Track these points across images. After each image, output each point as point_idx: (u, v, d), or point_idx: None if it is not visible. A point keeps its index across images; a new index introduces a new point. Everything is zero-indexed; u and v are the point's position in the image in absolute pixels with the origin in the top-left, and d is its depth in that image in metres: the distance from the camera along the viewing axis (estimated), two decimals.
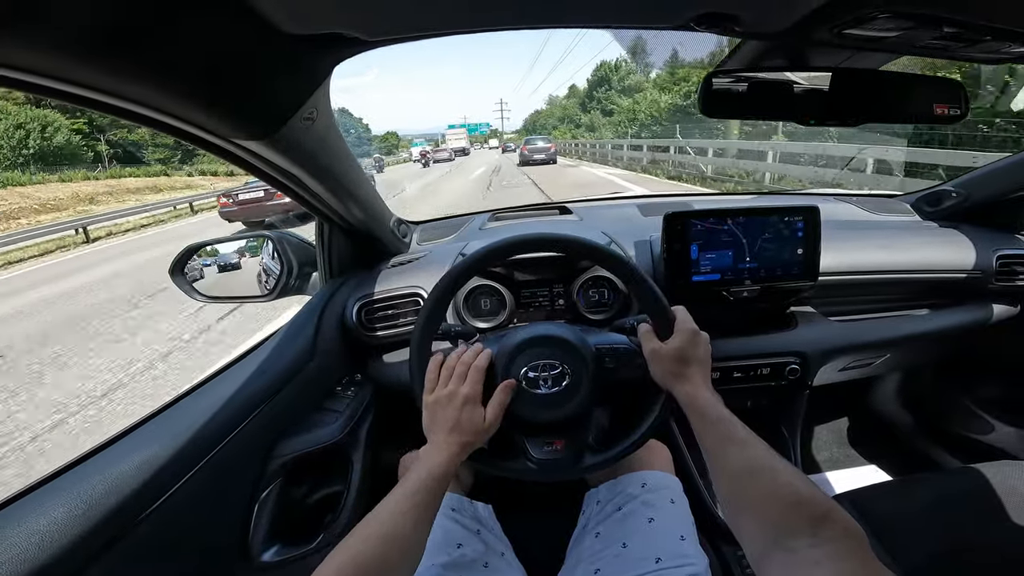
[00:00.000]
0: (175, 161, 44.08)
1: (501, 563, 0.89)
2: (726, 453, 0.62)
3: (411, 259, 1.31)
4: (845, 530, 0.49)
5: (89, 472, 0.67)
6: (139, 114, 0.55)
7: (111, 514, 0.62)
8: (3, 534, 0.55)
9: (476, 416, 0.74)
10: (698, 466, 1.32)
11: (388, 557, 0.56)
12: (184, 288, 1.14)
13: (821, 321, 1.27)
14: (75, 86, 0.47)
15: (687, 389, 0.71)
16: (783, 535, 0.50)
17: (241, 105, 0.62)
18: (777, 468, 0.57)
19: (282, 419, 0.96)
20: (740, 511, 0.57)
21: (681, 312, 0.78)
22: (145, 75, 0.50)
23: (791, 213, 1.11)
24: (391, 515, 0.60)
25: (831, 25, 0.59)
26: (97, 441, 0.74)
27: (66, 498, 0.61)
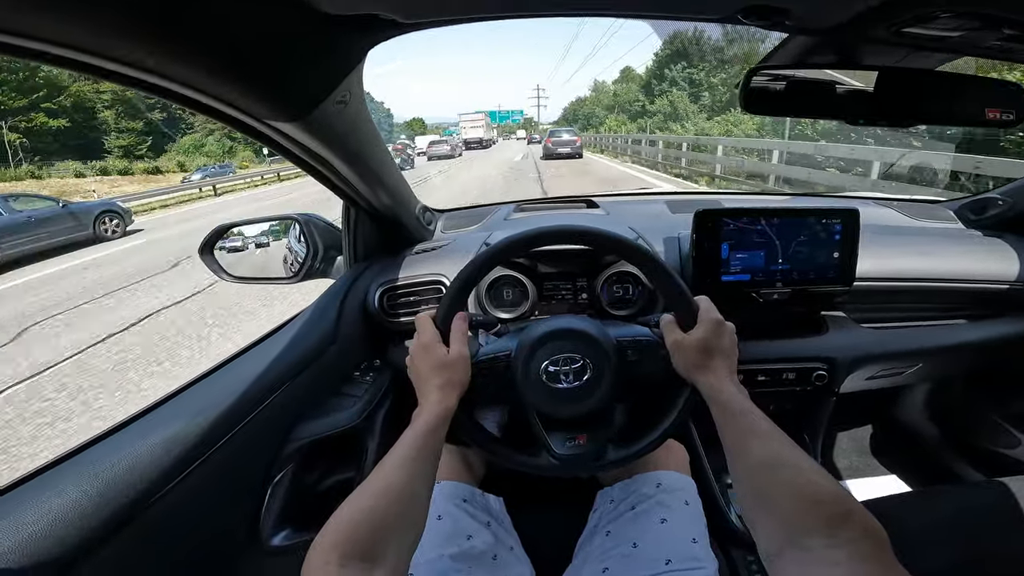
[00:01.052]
0: (142, 149, 40.61)
1: (510, 557, 0.89)
2: (748, 446, 0.60)
3: (435, 246, 1.31)
4: (866, 531, 0.47)
5: (106, 452, 0.67)
6: (178, 93, 0.55)
7: (125, 495, 0.63)
8: (18, 512, 0.55)
9: (439, 354, 0.73)
10: (714, 468, 1.31)
11: (389, 510, 0.55)
12: (213, 267, 1.15)
13: (853, 327, 1.23)
14: (114, 62, 0.46)
15: (711, 381, 0.69)
16: (800, 533, 0.49)
17: (276, 87, 0.62)
18: (799, 464, 0.55)
19: (301, 402, 0.96)
20: (757, 505, 0.55)
21: (705, 302, 0.76)
22: (185, 53, 0.50)
23: (829, 215, 1.07)
24: (388, 471, 0.60)
25: (889, 23, 0.56)
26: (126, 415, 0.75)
27: (81, 478, 0.61)
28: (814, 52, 0.76)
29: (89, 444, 0.69)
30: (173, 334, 4.66)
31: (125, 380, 3.77)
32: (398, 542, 0.55)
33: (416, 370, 0.74)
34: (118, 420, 0.74)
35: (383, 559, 0.52)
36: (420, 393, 0.72)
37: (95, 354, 4.33)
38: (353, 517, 0.54)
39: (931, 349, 1.27)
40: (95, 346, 4.50)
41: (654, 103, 42.07)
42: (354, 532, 0.52)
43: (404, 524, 0.57)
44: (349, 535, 0.52)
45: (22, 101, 34.94)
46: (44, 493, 0.58)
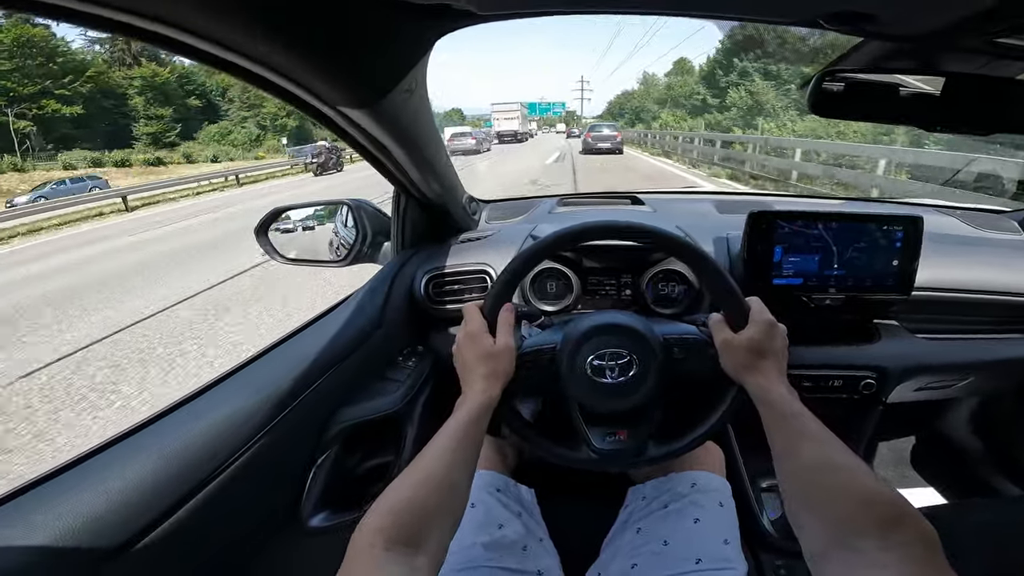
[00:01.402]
0: (171, 136, 39.86)
1: (539, 548, 0.90)
2: (798, 448, 0.59)
3: (479, 236, 1.32)
4: (919, 534, 0.46)
5: (165, 431, 0.69)
6: (256, 75, 0.57)
7: (183, 475, 0.64)
8: (80, 490, 0.57)
9: (485, 343, 0.73)
10: (750, 472, 1.30)
11: (429, 498, 0.56)
12: (266, 248, 1.18)
13: (906, 337, 1.20)
14: (203, 40, 0.48)
15: (760, 382, 0.68)
16: (850, 533, 0.48)
17: (350, 73, 0.63)
18: (852, 466, 0.54)
19: (346, 385, 0.97)
20: (805, 507, 0.55)
21: (756, 303, 0.75)
22: (268, 36, 0.51)
23: (891, 222, 1.04)
24: (431, 459, 0.61)
25: (984, 32, 0.54)
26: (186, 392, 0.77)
27: (143, 456, 0.63)
28: (891, 57, 0.74)
29: (151, 421, 0.70)
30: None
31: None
32: (439, 529, 0.56)
33: (462, 359, 0.74)
34: (176, 399, 0.76)
35: (425, 545, 0.53)
36: (464, 382, 0.73)
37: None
38: (398, 503, 0.55)
39: (985, 363, 1.22)
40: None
41: (724, 96, 36.12)
42: (398, 518, 0.53)
43: (445, 512, 0.58)
44: (393, 521, 0.53)
45: (32, 87, 34.61)
46: (108, 471, 0.60)
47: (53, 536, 0.51)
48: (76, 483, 0.58)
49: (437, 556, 0.54)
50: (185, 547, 0.64)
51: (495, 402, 0.71)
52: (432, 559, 0.53)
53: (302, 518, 0.88)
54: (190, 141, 41.25)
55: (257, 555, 0.81)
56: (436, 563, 0.54)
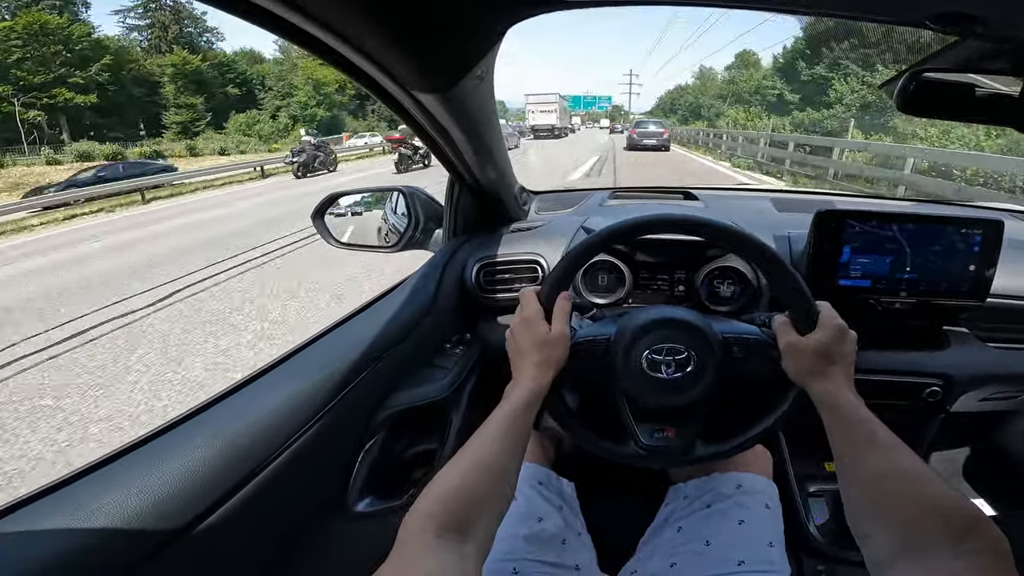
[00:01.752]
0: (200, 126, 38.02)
1: (578, 542, 0.90)
2: (865, 457, 0.57)
3: (530, 227, 1.31)
4: (990, 543, 0.45)
5: (228, 411, 0.69)
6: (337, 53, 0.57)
7: (245, 457, 0.65)
8: (150, 465, 0.58)
9: (540, 330, 0.72)
10: (798, 475, 1.27)
11: (478, 485, 0.56)
12: (322, 232, 1.21)
13: (976, 344, 1.15)
14: (296, 14, 0.48)
15: (827, 387, 0.66)
16: (918, 541, 0.47)
17: (430, 58, 0.63)
18: (921, 473, 0.52)
19: (396, 371, 0.98)
20: (872, 514, 0.53)
21: (827, 308, 0.72)
22: (357, 15, 0.51)
23: (970, 225, 0.99)
24: (481, 446, 0.61)
25: None
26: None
27: (208, 437, 0.63)
28: (988, 58, 0.70)
29: (214, 402, 0.71)
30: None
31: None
32: (487, 517, 0.56)
33: (516, 345, 0.74)
34: (238, 380, 0.77)
35: (474, 533, 0.53)
36: (516, 368, 0.72)
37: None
38: (448, 490, 0.55)
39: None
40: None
41: (805, 90, 31.58)
42: (448, 505, 0.53)
43: (494, 500, 0.58)
44: (444, 507, 0.53)
45: (43, 76, 32.58)
46: (174, 450, 0.61)
47: (119, 517, 0.52)
48: (141, 464, 0.59)
49: (485, 543, 0.55)
50: (240, 530, 0.64)
51: (546, 390, 0.70)
52: (480, 546, 0.53)
53: (348, 503, 0.89)
54: (221, 131, 39.24)
55: (304, 539, 0.82)
56: (484, 551, 0.54)
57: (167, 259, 6.84)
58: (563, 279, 0.77)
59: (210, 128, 39.75)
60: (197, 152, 32.19)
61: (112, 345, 4.08)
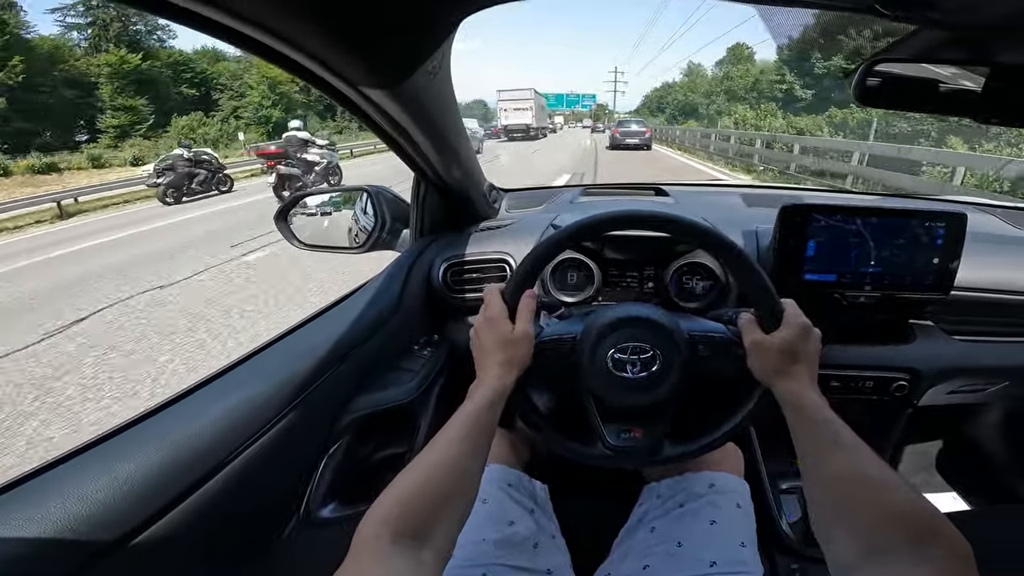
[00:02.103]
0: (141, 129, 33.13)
1: (550, 545, 0.89)
2: (828, 458, 0.57)
3: (499, 225, 1.30)
4: (953, 549, 0.45)
5: (176, 417, 0.67)
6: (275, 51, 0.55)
7: (193, 463, 0.63)
8: (86, 476, 0.55)
9: (504, 329, 0.71)
10: (771, 473, 1.27)
11: (437, 488, 0.55)
12: (285, 234, 1.18)
13: (942, 338, 1.16)
14: (229, 16, 0.46)
15: (791, 386, 0.66)
16: (881, 548, 0.46)
17: (374, 52, 0.61)
18: (885, 478, 0.52)
19: (360, 373, 0.96)
20: (836, 519, 0.53)
21: (791, 306, 0.72)
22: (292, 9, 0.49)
23: (933, 218, 0.99)
24: (440, 448, 0.60)
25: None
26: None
27: (151, 444, 0.61)
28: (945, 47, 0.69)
29: (163, 407, 0.69)
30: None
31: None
32: (448, 521, 0.55)
33: (480, 343, 0.73)
34: (188, 386, 0.74)
35: (433, 539, 0.51)
36: (480, 367, 0.72)
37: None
38: (406, 493, 0.54)
39: (1022, 367, 1.18)
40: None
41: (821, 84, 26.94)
42: (405, 509, 0.52)
43: (454, 503, 0.56)
44: (400, 511, 0.52)
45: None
46: (117, 457, 0.59)
47: (55, 527, 0.50)
48: (81, 471, 0.56)
49: (444, 549, 0.53)
50: (191, 537, 0.62)
51: (509, 390, 0.69)
52: (439, 553, 0.52)
53: (311, 509, 0.87)
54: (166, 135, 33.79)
55: (264, 546, 0.80)
56: (443, 556, 0.53)
57: None
58: (528, 277, 0.75)
59: (152, 131, 34.78)
60: (103, 163, 26.20)
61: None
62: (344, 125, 40.59)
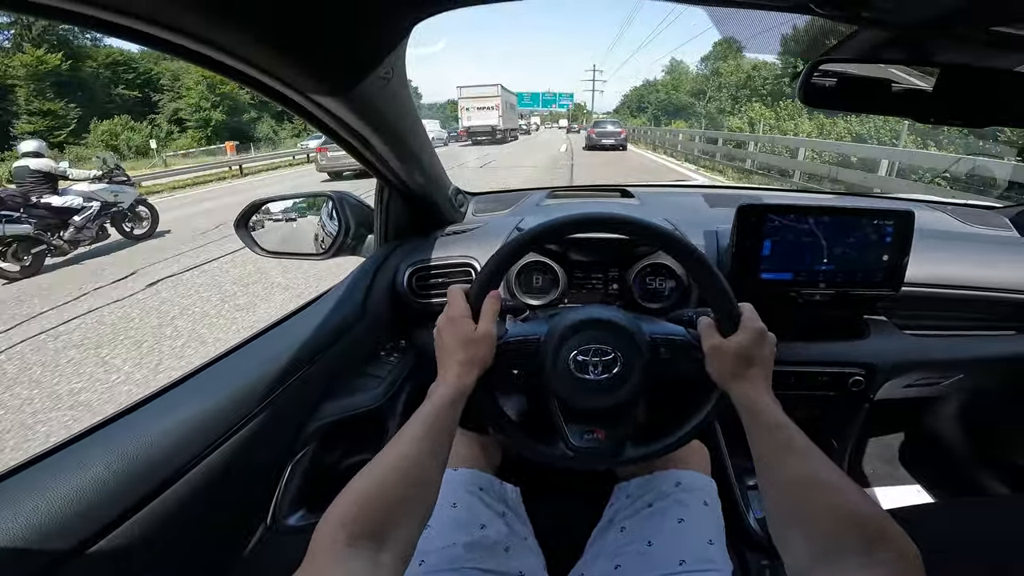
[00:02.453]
0: (61, 135, 28.96)
1: (523, 548, 0.89)
2: (783, 462, 0.58)
3: (465, 229, 1.30)
4: (901, 553, 0.46)
5: (131, 427, 0.66)
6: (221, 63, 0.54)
7: (149, 472, 0.62)
8: (41, 486, 0.55)
9: (466, 328, 0.71)
10: (737, 471, 1.29)
11: (395, 489, 0.55)
12: (246, 241, 1.16)
13: (895, 333, 1.19)
14: (153, 25, 0.45)
15: (746, 390, 0.67)
16: (834, 551, 0.47)
17: (322, 60, 0.60)
18: (836, 483, 0.53)
19: (325, 380, 0.95)
20: (790, 522, 0.54)
21: (748, 310, 0.73)
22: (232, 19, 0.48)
23: (882, 216, 1.02)
24: (399, 448, 0.59)
25: (980, 21, 0.52)
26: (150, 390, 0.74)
27: (106, 454, 0.60)
28: (884, 47, 0.72)
29: (115, 418, 0.68)
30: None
31: None
32: (407, 523, 0.54)
33: (441, 343, 0.73)
34: (145, 394, 0.73)
35: (391, 540, 0.51)
36: (441, 366, 0.71)
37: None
38: (363, 494, 0.53)
39: (975, 360, 1.22)
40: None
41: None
42: (363, 510, 0.51)
43: (414, 504, 0.56)
44: (357, 513, 0.51)
45: None
46: (68, 468, 0.58)
47: (6, 536, 0.49)
48: (34, 482, 0.56)
49: (404, 552, 0.53)
50: (150, 547, 0.61)
51: (469, 389, 0.69)
52: (398, 555, 0.51)
53: (278, 517, 0.86)
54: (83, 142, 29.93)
55: (229, 555, 0.79)
56: (402, 559, 0.52)
57: None
58: (492, 278, 0.76)
59: (72, 138, 30.39)
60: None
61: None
62: (302, 128, 36.48)
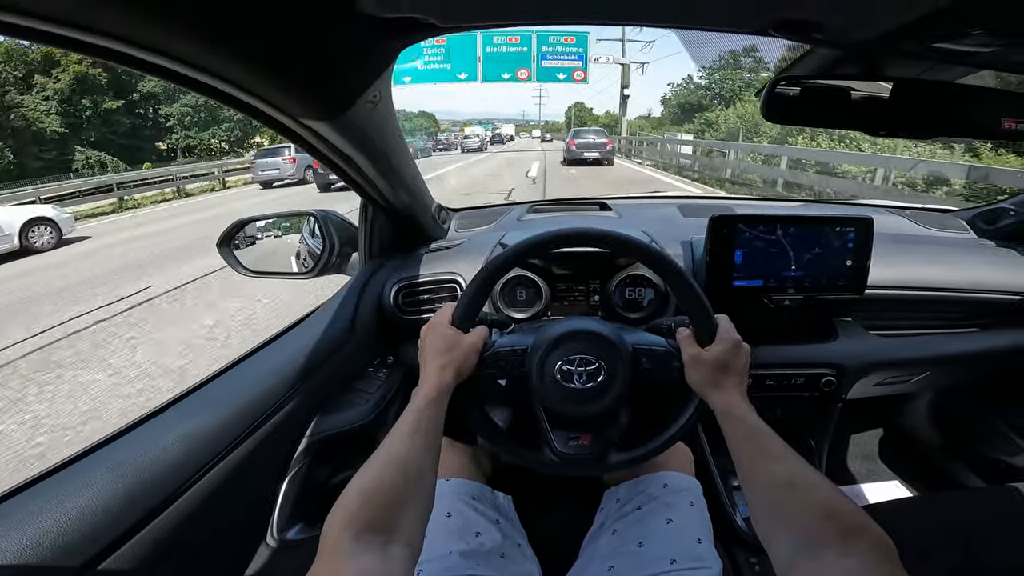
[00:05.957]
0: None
1: (517, 554, 0.90)
2: (761, 466, 0.62)
3: (449, 245, 1.32)
4: (875, 543, 0.49)
5: (131, 446, 0.67)
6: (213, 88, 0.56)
7: (150, 491, 0.63)
8: (44, 505, 0.56)
9: (448, 333, 0.75)
10: (721, 471, 1.32)
11: (395, 483, 0.57)
12: (229, 261, 1.16)
13: (863, 334, 1.24)
14: (143, 50, 0.46)
15: (723, 398, 0.71)
16: (815, 545, 0.50)
17: (313, 86, 0.63)
18: (813, 482, 0.57)
19: (316, 399, 0.96)
20: (772, 523, 0.57)
21: (724, 321, 0.78)
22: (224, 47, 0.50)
23: (843, 223, 1.08)
24: (397, 442, 0.62)
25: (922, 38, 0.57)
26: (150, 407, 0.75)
27: (107, 472, 0.61)
28: (838, 63, 0.77)
29: (115, 437, 0.69)
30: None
31: None
32: (410, 514, 0.56)
33: (423, 346, 0.76)
34: (141, 414, 0.74)
35: (397, 532, 0.53)
36: (422, 370, 0.74)
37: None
38: (364, 490, 0.55)
39: (940, 357, 1.28)
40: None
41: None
42: (364, 505, 0.53)
43: (412, 496, 0.58)
44: (360, 509, 0.53)
45: None
46: (70, 487, 0.58)
47: (11, 555, 0.50)
48: (37, 501, 0.56)
49: (412, 542, 0.54)
50: (153, 565, 0.62)
51: (448, 388, 0.71)
52: (406, 549, 0.53)
53: (274, 532, 0.87)
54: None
55: (230, 570, 0.80)
56: (411, 554, 0.53)
57: None
58: (475, 299, 0.79)
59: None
60: None
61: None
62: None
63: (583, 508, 1.01)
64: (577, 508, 1.03)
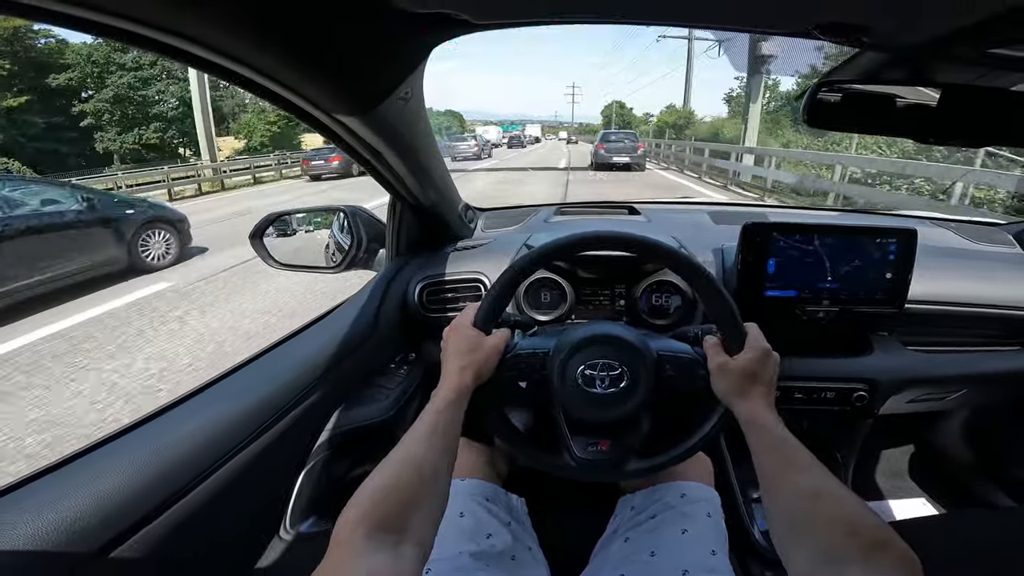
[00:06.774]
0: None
1: (528, 557, 0.90)
2: (786, 477, 0.60)
3: (475, 245, 1.32)
4: (900, 559, 0.47)
5: (160, 431, 0.68)
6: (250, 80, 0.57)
7: (174, 476, 0.64)
8: (64, 490, 0.56)
9: (470, 334, 0.74)
10: (741, 482, 1.29)
11: (409, 484, 0.56)
12: (261, 253, 1.18)
13: (899, 349, 1.19)
14: (185, 40, 0.47)
15: (750, 407, 0.69)
16: (836, 559, 0.49)
17: (346, 81, 0.63)
18: (839, 495, 0.55)
19: (338, 392, 0.97)
20: (793, 533, 0.55)
21: (754, 329, 0.75)
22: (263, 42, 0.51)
23: (885, 234, 1.04)
24: (407, 447, 0.61)
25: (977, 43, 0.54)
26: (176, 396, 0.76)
27: (135, 456, 0.62)
28: (885, 67, 0.74)
29: (144, 421, 0.70)
30: None
31: None
32: (423, 515, 0.56)
33: (445, 346, 0.76)
34: (171, 399, 0.75)
35: (410, 532, 0.53)
36: (443, 370, 0.74)
37: None
38: (379, 489, 0.55)
39: (979, 375, 1.22)
40: None
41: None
42: (378, 504, 0.53)
43: (426, 497, 0.58)
44: (373, 507, 0.53)
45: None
46: (89, 474, 0.59)
47: (29, 539, 0.51)
48: (58, 485, 0.57)
49: (423, 543, 0.54)
50: (167, 552, 0.63)
51: (468, 390, 0.71)
52: (418, 548, 0.52)
53: (289, 525, 0.88)
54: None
55: (242, 561, 0.81)
56: (422, 554, 0.53)
57: None
58: (499, 300, 0.78)
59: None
60: None
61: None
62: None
63: (596, 514, 1.00)
64: (590, 514, 1.02)
